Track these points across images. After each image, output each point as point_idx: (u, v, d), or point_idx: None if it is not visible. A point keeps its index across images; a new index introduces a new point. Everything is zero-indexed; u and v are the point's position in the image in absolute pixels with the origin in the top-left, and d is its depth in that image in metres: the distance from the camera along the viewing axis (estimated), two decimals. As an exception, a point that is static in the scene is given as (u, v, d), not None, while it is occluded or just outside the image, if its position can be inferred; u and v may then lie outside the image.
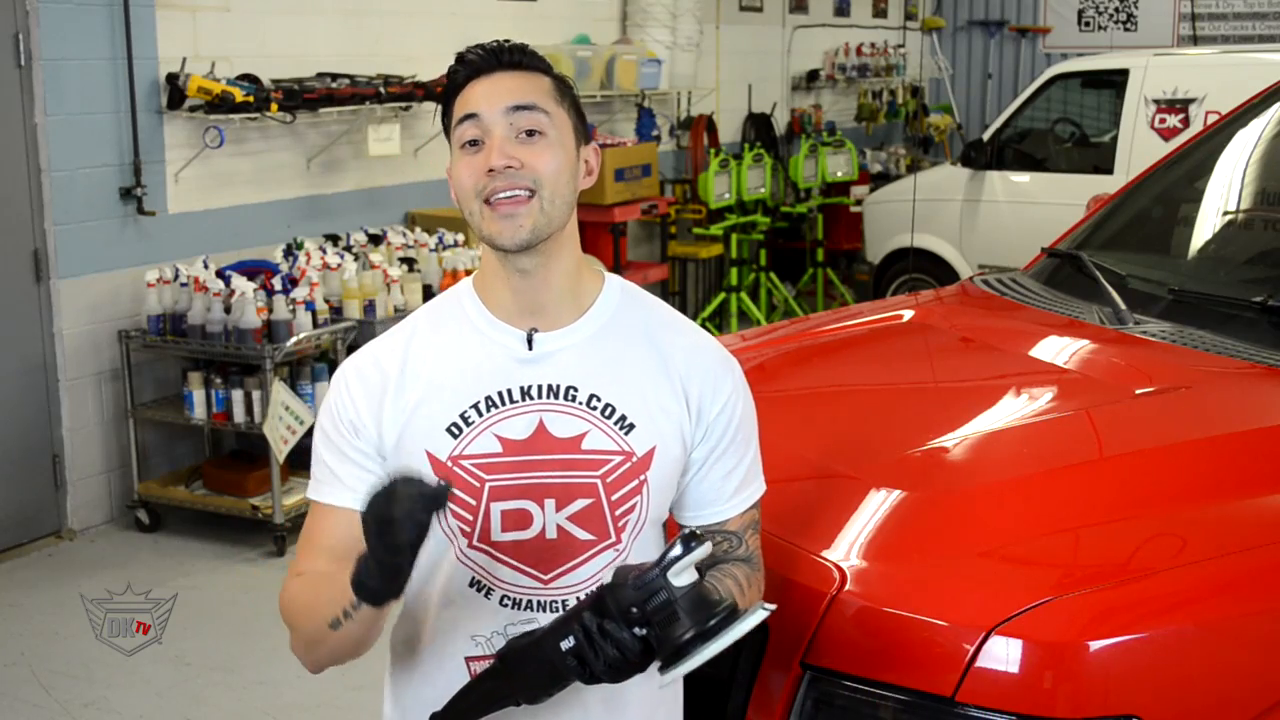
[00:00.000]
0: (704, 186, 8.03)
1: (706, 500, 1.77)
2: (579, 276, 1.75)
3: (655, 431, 1.70)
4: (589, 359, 1.70)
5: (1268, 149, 3.25)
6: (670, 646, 1.49)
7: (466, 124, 1.66)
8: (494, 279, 1.72)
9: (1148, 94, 7.02)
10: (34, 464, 5.12)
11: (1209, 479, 2.08)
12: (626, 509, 1.70)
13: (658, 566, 1.49)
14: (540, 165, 1.65)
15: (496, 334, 1.71)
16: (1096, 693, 1.66)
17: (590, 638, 1.50)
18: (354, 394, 1.71)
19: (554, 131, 1.67)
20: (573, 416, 1.68)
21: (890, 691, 1.74)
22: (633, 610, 1.49)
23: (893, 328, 3.02)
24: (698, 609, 1.49)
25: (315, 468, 1.75)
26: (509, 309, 1.71)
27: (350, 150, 6.22)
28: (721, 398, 1.75)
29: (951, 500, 2.03)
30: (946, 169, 8.46)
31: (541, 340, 1.70)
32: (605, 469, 1.68)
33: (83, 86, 5.08)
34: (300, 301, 5.07)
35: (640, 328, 1.75)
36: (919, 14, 12.39)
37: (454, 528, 1.69)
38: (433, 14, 6.60)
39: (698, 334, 1.80)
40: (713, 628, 1.48)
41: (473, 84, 1.68)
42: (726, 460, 1.76)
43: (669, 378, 1.73)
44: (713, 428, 1.74)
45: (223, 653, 4.21)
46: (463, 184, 1.66)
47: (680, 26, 8.20)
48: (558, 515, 1.68)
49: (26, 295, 5.05)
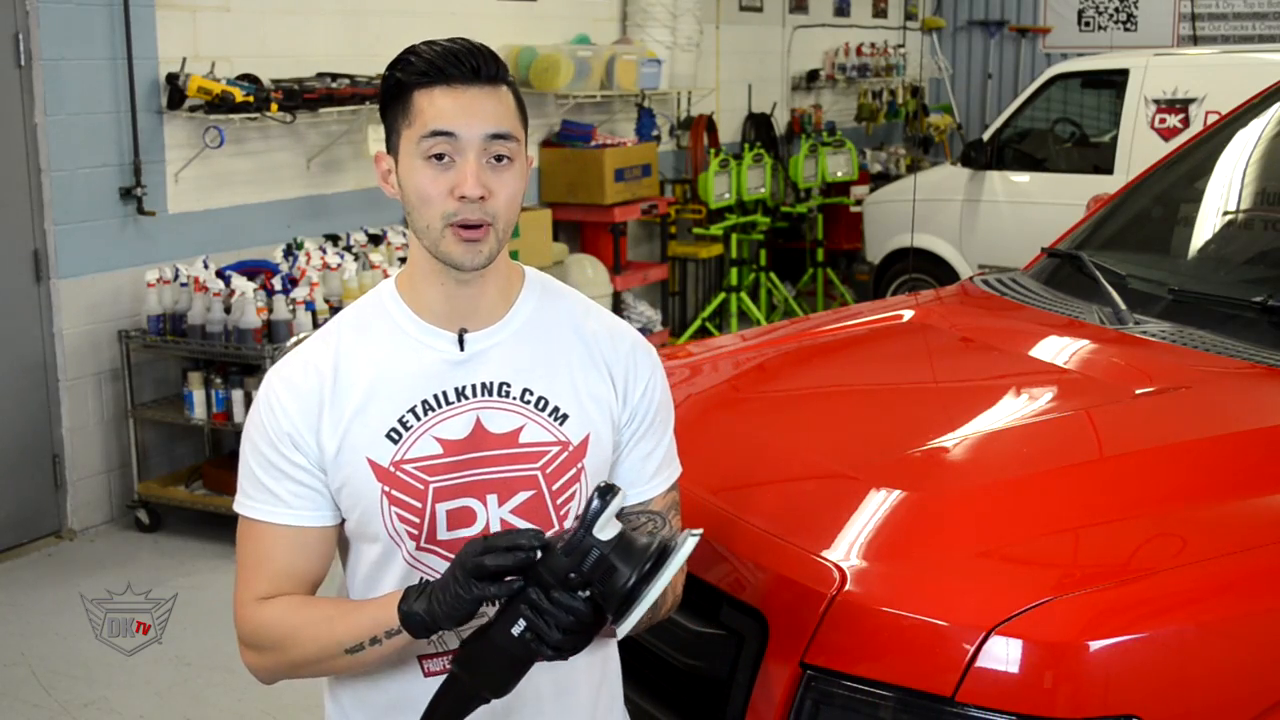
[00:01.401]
0: (704, 186, 8.03)
1: (628, 480, 1.79)
2: (507, 276, 1.77)
3: (587, 419, 1.73)
4: (518, 354, 1.73)
5: (1268, 149, 3.25)
6: (617, 598, 1.52)
7: (439, 139, 1.63)
8: (426, 285, 1.72)
9: (1148, 94, 7.02)
10: (34, 464, 5.12)
11: (1209, 479, 2.08)
12: (567, 497, 1.73)
13: (581, 527, 1.53)
14: (503, 196, 1.65)
15: (427, 337, 1.72)
16: (1096, 693, 1.66)
17: (540, 612, 1.52)
18: (287, 406, 1.70)
19: (519, 159, 1.68)
20: (508, 412, 1.71)
21: (890, 691, 1.74)
22: (571, 576, 1.52)
23: (893, 328, 3.02)
24: (631, 555, 1.53)
25: (244, 481, 1.74)
26: (440, 313, 1.72)
27: (350, 150, 6.22)
28: (643, 380, 1.79)
29: (951, 500, 2.03)
30: (946, 169, 8.46)
31: (472, 340, 1.72)
32: (544, 460, 1.71)
33: (83, 86, 5.08)
34: (300, 301, 5.08)
35: (563, 318, 1.78)
36: (919, 14, 12.38)
37: (401, 531, 1.69)
38: (433, 14, 6.60)
39: (615, 320, 1.84)
40: (650, 569, 1.52)
41: (447, 92, 1.64)
42: (647, 441, 1.80)
43: (595, 364, 1.76)
44: (636, 410, 1.78)
45: (223, 653, 4.20)
46: (426, 198, 1.64)
47: (680, 26, 8.19)
48: (500, 510, 1.70)
49: (26, 295, 5.05)
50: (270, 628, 1.70)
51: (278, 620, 1.69)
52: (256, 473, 1.72)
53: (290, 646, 1.68)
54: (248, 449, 1.74)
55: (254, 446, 1.73)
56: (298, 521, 1.71)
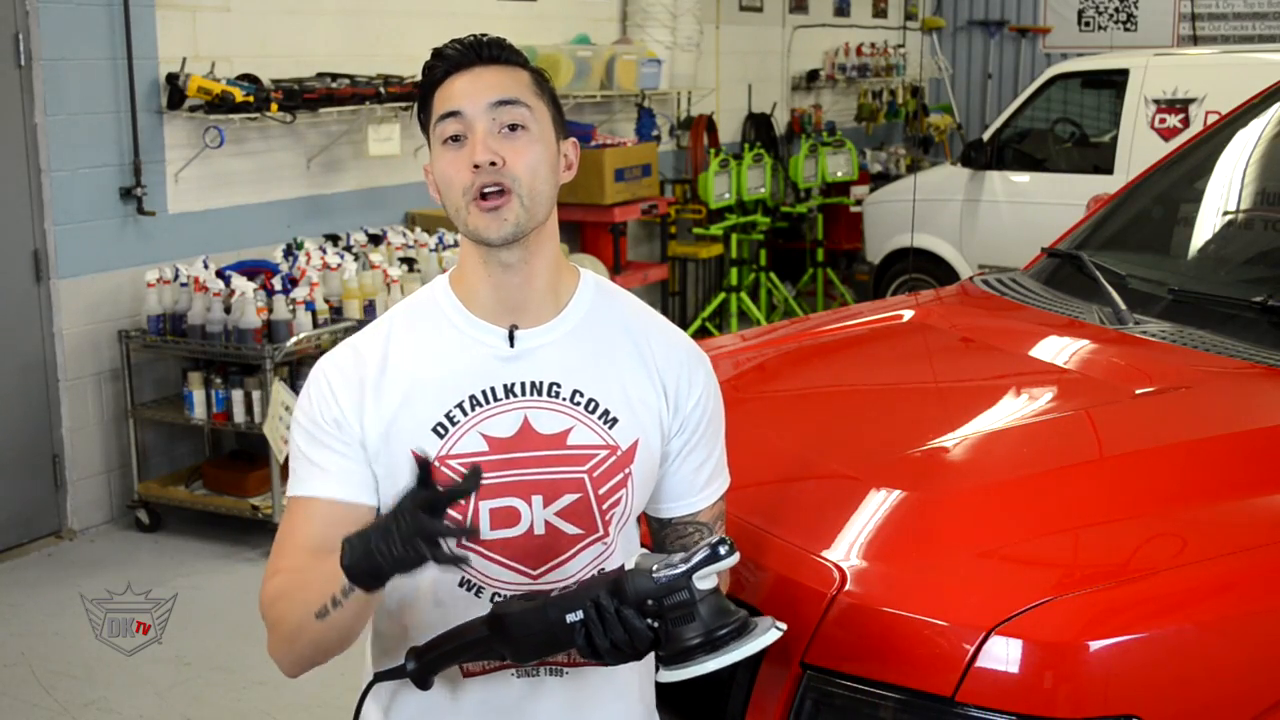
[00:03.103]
0: (704, 186, 8.04)
1: (679, 492, 1.78)
2: (558, 273, 1.75)
3: (637, 425, 1.71)
4: (570, 354, 1.71)
5: (1268, 149, 3.25)
6: (679, 645, 1.50)
7: (449, 120, 1.65)
8: (474, 276, 1.71)
9: (1148, 94, 7.02)
10: (34, 464, 5.12)
11: (1209, 479, 2.08)
12: (613, 502, 1.71)
13: (685, 565, 1.50)
14: (520, 163, 1.64)
15: (477, 332, 1.70)
16: (1096, 693, 1.66)
17: (603, 617, 1.50)
18: (335, 390, 1.69)
19: (535, 126, 1.67)
20: (557, 412, 1.69)
21: (890, 691, 1.74)
22: (649, 602, 1.50)
23: (893, 328, 3.02)
24: (714, 615, 1.50)
25: (295, 464, 1.72)
26: (489, 306, 1.71)
27: (350, 150, 6.22)
28: (697, 390, 1.77)
29: (951, 500, 2.03)
30: (946, 169, 8.46)
31: (523, 337, 1.70)
32: (591, 464, 1.69)
33: (83, 86, 5.08)
34: (300, 301, 5.07)
35: (616, 322, 1.76)
36: (919, 14, 12.39)
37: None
38: (432, 14, 6.60)
39: (670, 327, 1.82)
40: (722, 637, 1.50)
41: (452, 79, 1.67)
42: (699, 453, 1.78)
43: (647, 370, 1.74)
44: (688, 420, 1.76)
45: (223, 653, 4.21)
46: (449, 180, 1.65)
47: (680, 26, 8.20)
48: (545, 511, 1.68)
49: (26, 295, 5.05)
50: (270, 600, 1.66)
51: (275, 591, 1.66)
52: (305, 452, 1.70)
53: (277, 621, 1.65)
54: (296, 434, 1.72)
55: (301, 430, 1.71)
56: (338, 493, 1.67)
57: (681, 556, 1.52)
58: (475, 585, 1.70)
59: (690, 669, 1.50)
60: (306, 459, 1.70)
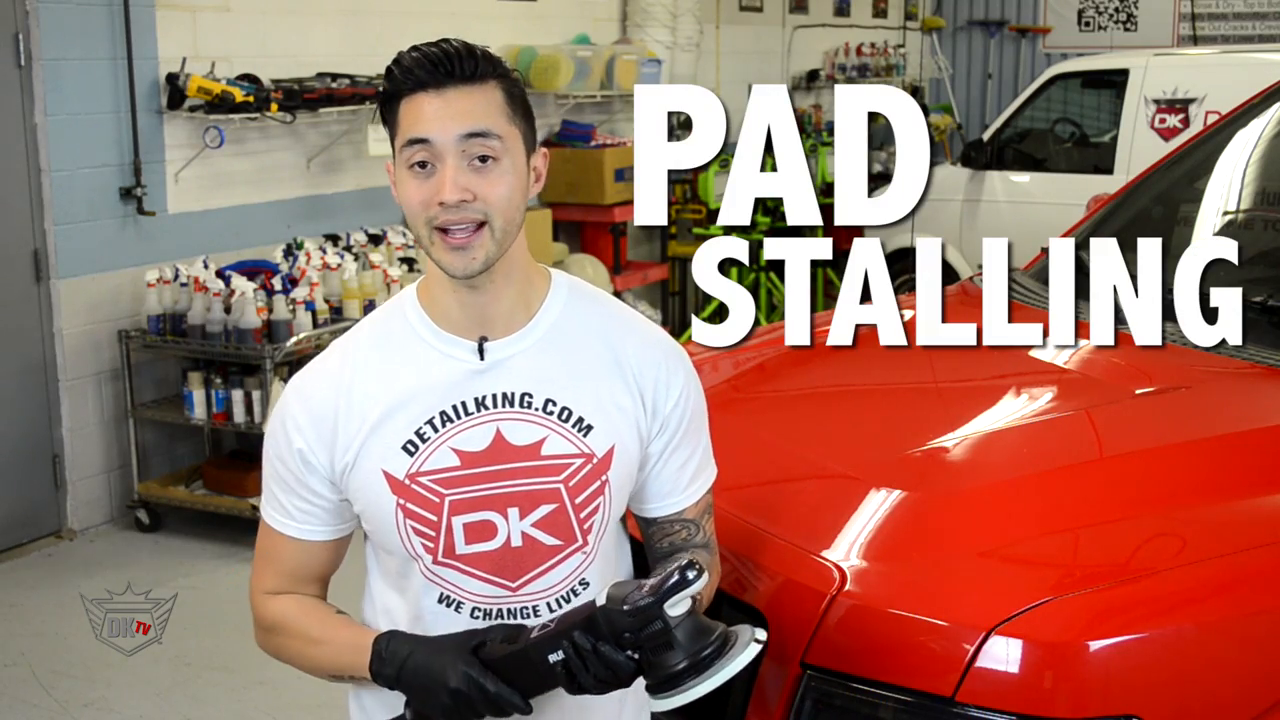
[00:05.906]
0: (704, 186, 8.03)
1: (664, 492, 1.77)
2: (528, 281, 1.71)
3: (613, 431, 1.69)
4: (541, 363, 1.68)
5: (1268, 149, 3.25)
6: (663, 673, 1.50)
7: (417, 147, 1.59)
8: (441, 291, 1.68)
9: (1148, 94, 7.02)
10: (34, 464, 5.12)
11: (1209, 479, 2.07)
12: (591, 510, 1.69)
13: (655, 595, 1.49)
14: (492, 196, 1.59)
15: (446, 346, 1.68)
16: (1096, 693, 1.66)
17: (582, 656, 1.51)
18: (301, 422, 1.68)
19: (507, 157, 1.61)
20: (530, 423, 1.66)
21: (890, 691, 1.74)
22: (625, 635, 1.50)
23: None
24: (692, 639, 1.50)
25: (265, 484, 1.76)
26: (458, 321, 1.68)
27: (350, 150, 6.22)
28: (675, 391, 1.74)
29: (951, 500, 2.03)
30: (946, 169, 8.46)
31: (493, 348, 1.67)
32: (567, 473, 1.67)
33: (83, 86, 5.07)
34: (300, 301, 5.08)
35: (589, 326, 1.72)
36: (919, 14, 12.38)
37: (416, 545, 1.67)
38: (433, 14, 6.60)
39: (647, 327, 1.78)
40: (706, 658, 1.49)
41: (422, 97, 1.59)
42: (682, 451, 1.76)
43: (622, 374, 1.71)
44: (669, 421, 1.74)
45: (223, 653, 4.21)
46: (413, 207, 1.61)
47: (680, 26, 8.19)
48: (522, 523, 1.67)
49: (26, 295, 5.05)
50: (271, 624, 1.76)
51: (276, 621, 1.75)
52: (270, 483, 1.75)
53: (281, 649, 1.76)
54: (266, 456, 1.75)
55: (268, 457, 1.74)
56: (302, 536, 1.73)
57: (651, 585, 1.50)
58: (455, 601, 1.69)
59: (681, 695, 1.49)
60: (273, 492, 1.74)
